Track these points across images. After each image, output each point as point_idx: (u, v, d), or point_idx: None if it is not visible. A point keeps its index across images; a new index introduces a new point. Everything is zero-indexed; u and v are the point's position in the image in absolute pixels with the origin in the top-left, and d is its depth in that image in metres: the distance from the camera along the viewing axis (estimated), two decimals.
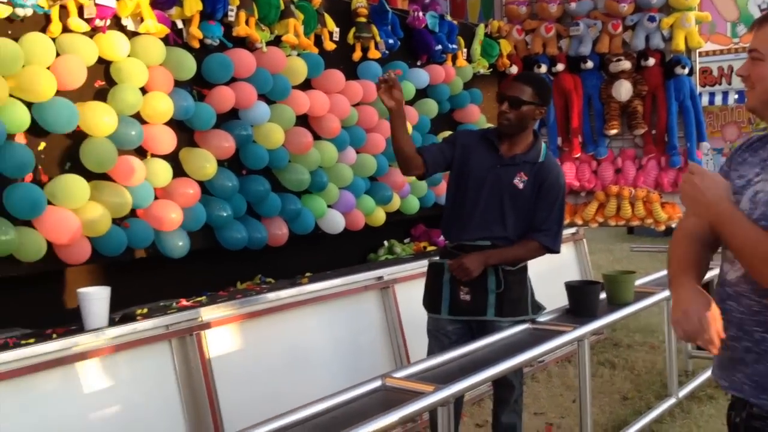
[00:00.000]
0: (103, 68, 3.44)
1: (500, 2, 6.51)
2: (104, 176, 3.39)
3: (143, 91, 3.51)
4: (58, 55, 3.19)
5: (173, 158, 3.71)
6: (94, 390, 3.05)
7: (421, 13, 5.27)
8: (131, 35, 3.50)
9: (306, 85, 4.39)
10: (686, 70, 5.77)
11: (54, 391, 2.93)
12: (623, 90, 5.83)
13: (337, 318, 4.17)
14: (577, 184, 6.05)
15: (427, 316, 3.54)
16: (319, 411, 2.47)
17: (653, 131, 5.94)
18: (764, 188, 1.86)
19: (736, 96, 11.52)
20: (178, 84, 3.67)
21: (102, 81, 3.45)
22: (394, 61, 5.06)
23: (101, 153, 3.31)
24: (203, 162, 3.76)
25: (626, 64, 5.79)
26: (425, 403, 2.53)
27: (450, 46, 5.47)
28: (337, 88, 4.55)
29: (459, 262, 3.32)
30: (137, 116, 3.50)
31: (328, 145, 4.46)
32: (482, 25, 5.98)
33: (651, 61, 5.78)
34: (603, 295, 3.90)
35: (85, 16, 3.29)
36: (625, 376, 5.37)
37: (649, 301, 4.10)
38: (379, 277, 4.42)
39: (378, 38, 4.88)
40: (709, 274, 2.28)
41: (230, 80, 3.92)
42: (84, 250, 3.27)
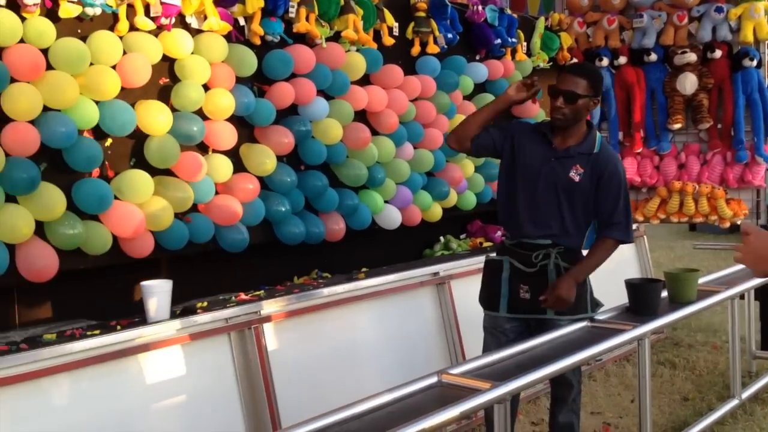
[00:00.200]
0: (167, 66, 3.50)
1: None
2: (167, 171, 3.46)
3: (206, 87, 3.56)
4: (124, 53, 3.26)
5: (234, 154, 3.77)
6: (155, 381, 3.13)
7: (480, 7, 5.22)
8: (195, 33, 3.56)
9: (364, 81, 4.40)
10: (754, 62, 5.61)
11: (117, 382, 3.02)
12: (688, 83, 5.70)
13: (392, 313, 4.18)
14: (639, 179, 5.94)
15: (484, 313, 3.51)
16: (375, 406, 2.48)
17: (719, 125, 5.79)
18: None
19: None
20: (239, 80, 3.71)
21: (166, 78, 3.51)
22: (453, 56, 5.04)
23: (164, 149, 3.38)
24: (263, 158, 3.80)
25: (692, 57, 5.66)
26: (482, 400, 2.51)
27: (509, 40, 5.42)
28: (395, 83, 4.55)
29: (555, 297, 3.21)
30: (199, 112, 3.56)
31: (386, 140, 4.46)
32: (542, 18, 5.90)
33: (718, 53, 5.63)
34: (664, 294, 3.83)
35: (151, 15, 3.36)
36: (686, 377, 5.26)
37: (712, 300, 4.00)
38: (435, 273, 4.42)
39: (437, 33, 4.85)
40: None
41: (290, 76, 3.96)
42: (147, 243, 3.35)
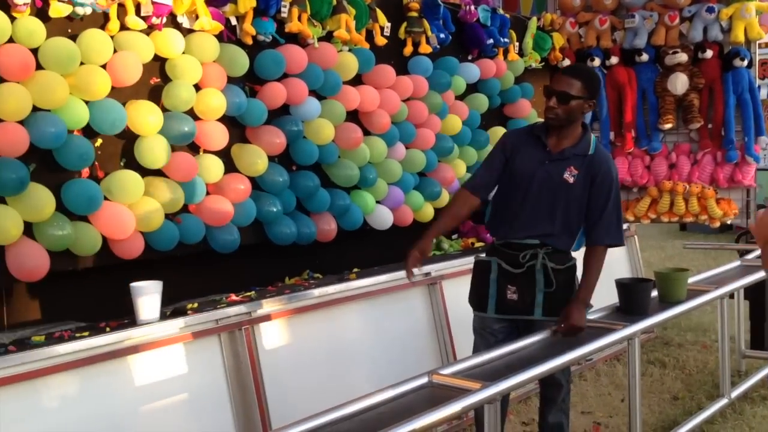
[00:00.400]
0: (158, 65, 3.49)
1: None
2: (158, 172, 3.45)
3: (197, 87, 3.55)
4: (115, 52, 3.25)
5: (225, 154, 3.76)
6: (145, 383, 3.12)
7: (472, 7, 5.23)
8: (186, 32, 3.55)
9: (357, 81, 4.40)
10: (745, 62, 5.64)
11: (106, 383, 3.01)
12: (679, 83, 5.73)
13: (384, 314, 4.19)
14: (630, 179, 5.96)
15: (473, 314, 3.51)
16: (366, 406, 2.48)
17: (709, 125, 5.82)
18: None
19: None
20: (230, 80, 3.71)
21: (157, 78, 3.50)
22: (445, 56, 5.04)
23: (155, 149, 3.37)
24: (254, 158, 3.80)
25: (683, 57, 5.68)
26: (472, 401, 2.51)
27: (502, 40, 5.42)
28: (387, 83, 4.54)
29: (567, 327, 3.19)
30: (191, 112, 3.55)
31: (378, 140, 4.46)
32: (535, 18, 5.91)
33: (709, 53, 5.66)
34: (654, 293, 3.85)
35: (141, 14, 3.35)
36: (676, 376, 5.29)
37: (701, 299, 4.02)
38: (427, 274, 4.42)
39: (429, 33, 4.85)
40: None
41: (282, 76, 3.95)
42: (137, 244, 3.34)
